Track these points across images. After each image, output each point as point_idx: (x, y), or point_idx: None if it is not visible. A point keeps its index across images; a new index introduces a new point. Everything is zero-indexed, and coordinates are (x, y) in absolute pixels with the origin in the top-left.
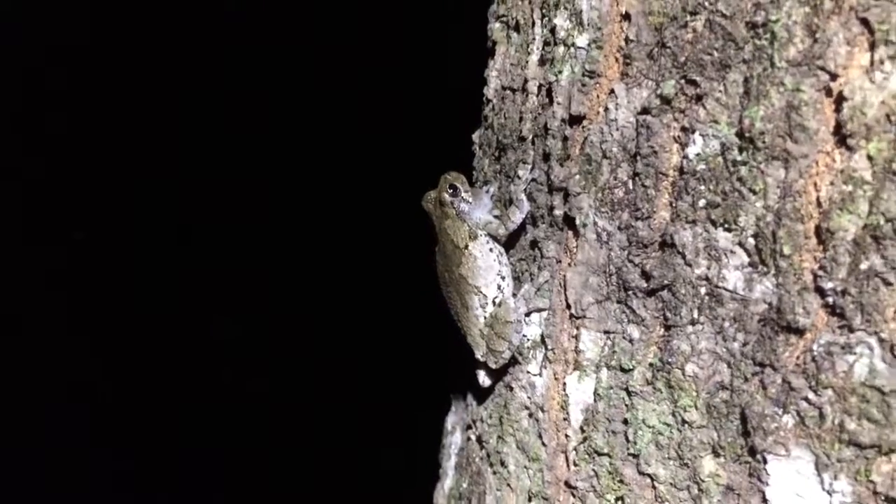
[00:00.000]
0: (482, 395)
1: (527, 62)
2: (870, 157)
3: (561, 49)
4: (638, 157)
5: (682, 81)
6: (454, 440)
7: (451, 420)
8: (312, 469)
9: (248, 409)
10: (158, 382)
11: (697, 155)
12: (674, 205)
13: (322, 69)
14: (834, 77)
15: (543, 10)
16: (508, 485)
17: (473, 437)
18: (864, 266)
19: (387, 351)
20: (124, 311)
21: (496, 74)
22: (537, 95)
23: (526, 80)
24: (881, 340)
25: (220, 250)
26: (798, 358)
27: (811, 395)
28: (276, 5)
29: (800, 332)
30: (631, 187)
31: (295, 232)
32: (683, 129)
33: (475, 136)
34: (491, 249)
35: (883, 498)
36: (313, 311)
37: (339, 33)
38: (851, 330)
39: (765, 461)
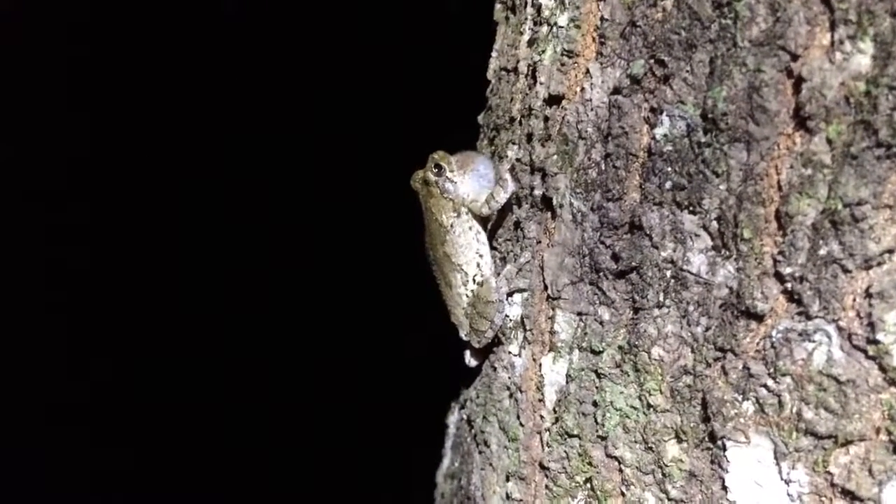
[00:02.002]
0: (472, 375)
1: (519, 42)
2: (829, 140)
3: (545, 28)
4: (610, 138)
5: (651, 61)
6: (453, 419)
7: (453, 402)
8: (312, 469)
9: (247, 409)
10: (158, 382)
11: (665, 136)
12: (643, 186)
13: (322, 69)
14: (795, 57)
15: None
16: (491, 464)
17: (465, 417)
18: (822, 252)
19: (386, 351)
20: (124, 311)
21: (496, 56)
22: (525, 76)
23: (518, 61)
24: (839, 329)
25: (219, 250)
26: (758, 344)
27: (770, 383)
28: (276, 5)
29: (759, 317)
30: (603, 168)
31: (295, 232)
32: (652, 109)
33: (480, 119)
34: (471, 228)
35: (840, 490)
36: (313, 311)
37: (339, 33)
38: (809, 317)
39: (724, 448)
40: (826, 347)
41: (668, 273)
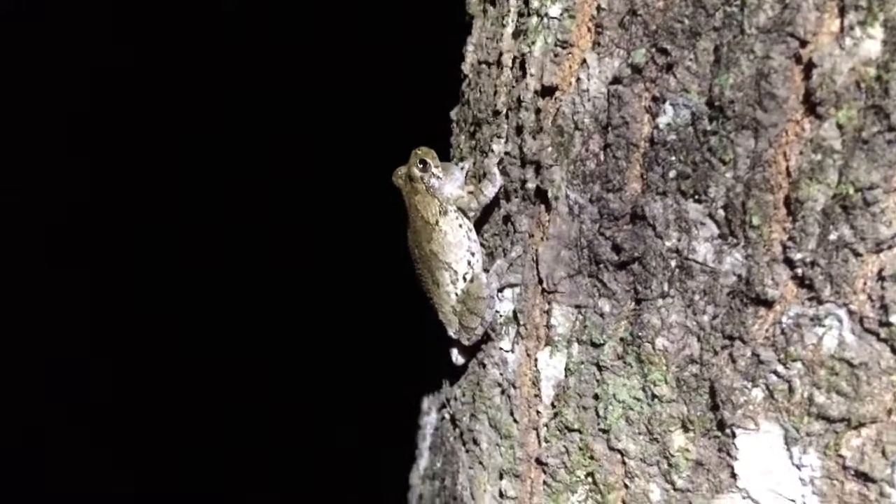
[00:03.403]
0: (456, 373)
1: (501, 35)
2: (839, 126)
3: (534, 19)
4: (609, 128)
5: (653, 50)
6: (429, 420)
7: (427, 401)
8: (312, 469)
9: (247, 409)
10: (157, 382)
11: (668, 125)
12: (644, 176)
13: (321, 69)
14: (804, 44)
15: None
16: (480, 463)
17: (447, 417)
18: (833, 237)
19: (385, 350)
20: (123, 311)
21: (472, 49)
22: (511, 68)
23: (501, 53)
24: (850, 312)
25: (218, 250)
26: (767, 331)
27: (780, 369)
28: (275, 5)
29: (769, 304)
30: (602, 159)
31: (294, 232)
32: (654, 98)
33: (453, 114)
34: (460, 225)
35: (852, 472)
36: (311, 311)
37: (338, 33)
38: (820, 302)
39: (734, 435)
40: (837, 331)
41: (673, 262)
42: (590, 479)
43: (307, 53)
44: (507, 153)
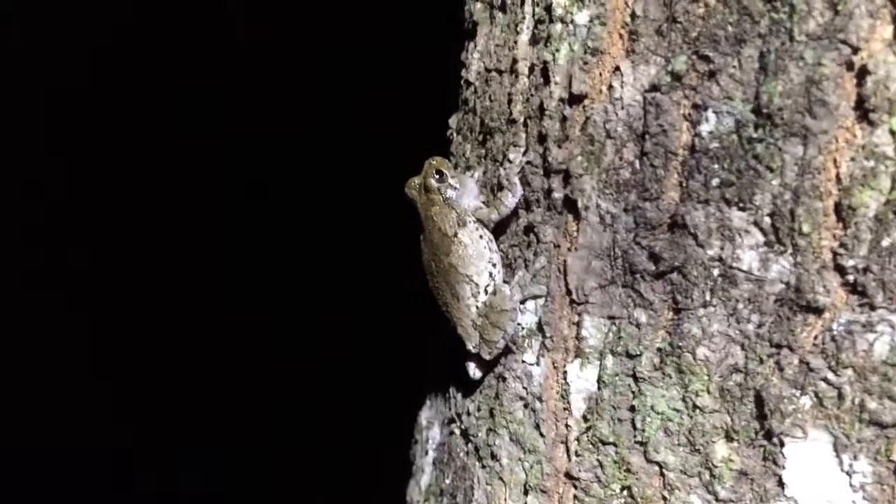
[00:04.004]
0: (468, 388)
1: (515, 42)
2: (892, 132)
3: (558, 27)
4: (646, 137)
5: (694, 57)
6: (431, 435)
7: (425, 415)
8: (312, 469)
9: (247, 409)
10: (157, 382)
11: (710, 133)
12: (684, 185)
13: (321, 69)
14: (856, 51)
15: None
16: (500, 478)
17: (457, 432)
18: (885, 243)
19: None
20: (123, 311)
21: (478, 56)
22: (528, 76)
23: (515, 61)
24: None
25: (219, 251)
26: (816, 338)
27: (830, 376)
28: (276, 5)
29: (819, 311)
30: (638, 167)
31: (295, 232)
32: (695, 106)
33: (452, 121)
34: (481, 236)
35: None
36: (312, 311)
37: (338, 33)
38: (873, 308)
39: (781, 444)
40: (889, 337)
41: (716, 271)
42: (625, 493)
43: (306, 58)
44: (529, 162)
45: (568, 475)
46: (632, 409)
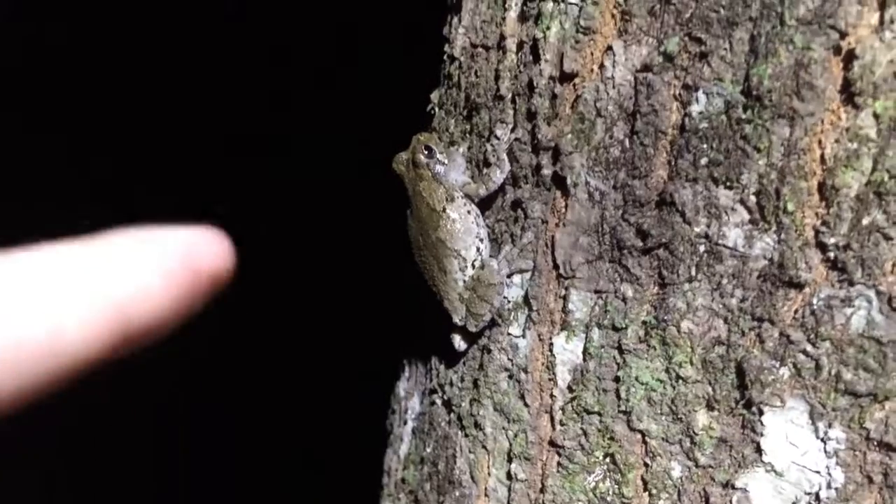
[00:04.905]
0: (450, 359)
1: (503, 19)
2: (876, 115)
3: (549, 5)
4: (637, 116)
5: (686, 39)
6: (410, 405)
7: (403, 386)
8: (311, 469)
9: (247, 409)
10: (157, 382)
11: (700, 113)
12: (673, 163)
13: (321, 70)
14: (843, 36)
15: None
16: (484, 447)
17: (439, 402)
18: (865, 221)
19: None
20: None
21: (464, 32)
22: (517, 53)
23: (503, 38)
24: (879, 293)
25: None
26: (797, 312)
27: (809, 348)
28: (275, 5)
29: (800, 286)
30: (628, 146)
31: (295, 231)
32: (686, 86)
33: (434, 96)
34: (469, 212)
35: (875, 443)
36: (312, 311)
37: (338, 33)
38: (852, 283)
39: (760, 413)
40: (866, 311)
41: (702, 248)
42: (608, 460)
43: (306, 58)
44: (517, 139)
45: (552, 443)
46: (616, 379)
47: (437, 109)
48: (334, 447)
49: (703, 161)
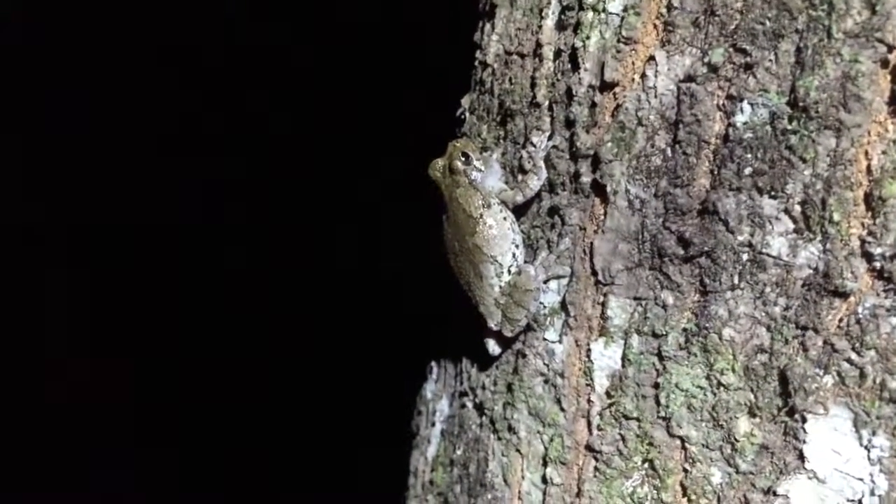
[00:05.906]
0: (482, 363)
1: (539, 27)
2: None
3: (590, 14)
4: (679, 125)
5: (731, 50)
6: (439, 407)
7: (430, 388)
8: (311, 469)
9: (247, 409)
10: (157, 381)
11: (745, 123)
12: (715, 172)
13: (321, 70)
14: (891, 49)
15: None
16: (518, 450)
17: (470, 405)
18: None
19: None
20: (122, 311)
21: (497, 39)
22: (554, 61)
23: (539, 45)
24: None
25: (218, 250)
26: (841, 321)
27: (853, 356)
28: (275, 5)
29: (845, 295)
30: (670, 155)
31: (294, 231)
32: (730, 97)
33: (465, 101)
34: (505, 218)
35: None
36: (312, 311)
37: (338, 33)
38: None
39: (803, 420)
40: None
41: (745, 256)
42: (647, 465)
43: (304, 58)
44: (555, 146)
45: (589, 447)
46: (656, 385)
47: (467, 114)
48: (336, 447)
49: (748, 171)
